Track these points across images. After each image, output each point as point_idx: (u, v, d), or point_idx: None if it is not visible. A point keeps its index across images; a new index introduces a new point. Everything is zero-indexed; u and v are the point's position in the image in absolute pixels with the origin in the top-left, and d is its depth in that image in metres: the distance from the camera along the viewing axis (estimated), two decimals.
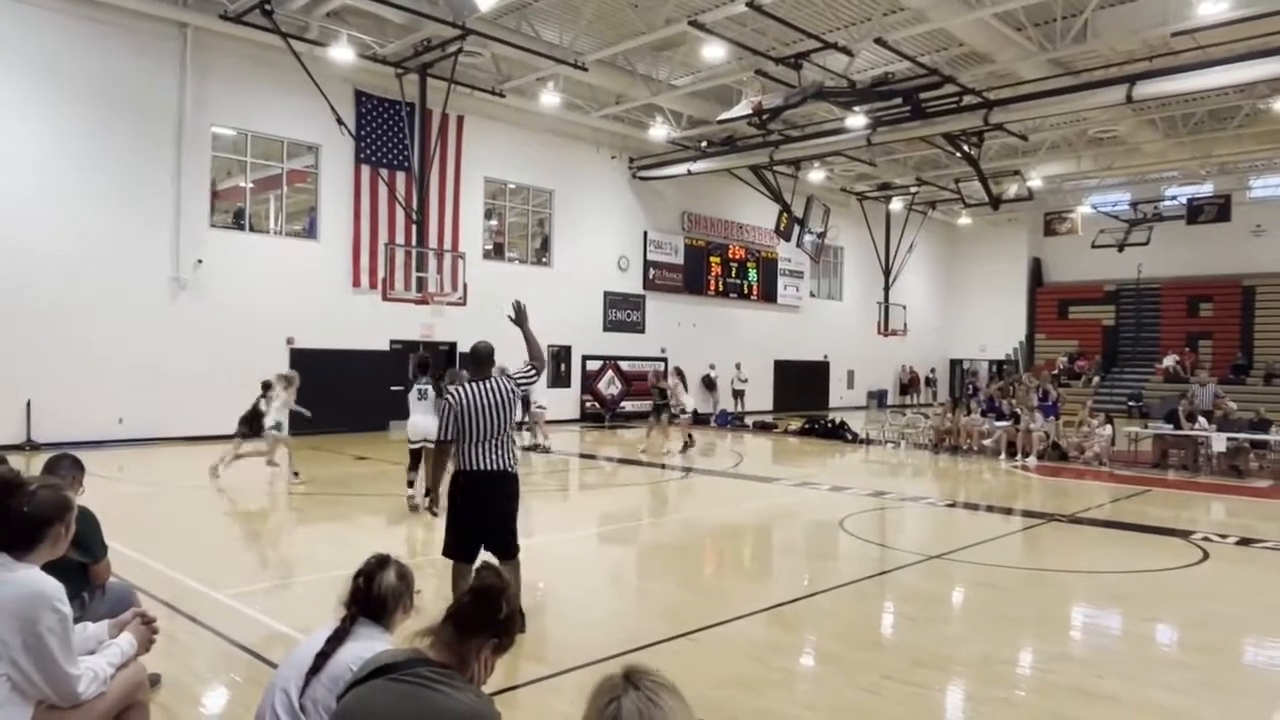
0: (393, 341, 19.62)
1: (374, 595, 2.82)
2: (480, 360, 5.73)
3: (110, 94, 15.81)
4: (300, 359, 18.16)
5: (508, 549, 5.49)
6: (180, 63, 16.54)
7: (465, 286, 19.56)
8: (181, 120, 16.63)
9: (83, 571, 4.05)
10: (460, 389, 5.54)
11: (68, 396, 15.09)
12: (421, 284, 18.90)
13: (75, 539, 3.24)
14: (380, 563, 2.89)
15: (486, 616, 2.41)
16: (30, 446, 14.56)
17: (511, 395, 5.53)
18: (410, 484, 9.97)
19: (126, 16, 15.76)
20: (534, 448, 16.35)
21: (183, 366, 16.48)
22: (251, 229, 18.42)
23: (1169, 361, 31.40)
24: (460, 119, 20.56)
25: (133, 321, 16.03)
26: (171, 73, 16.48)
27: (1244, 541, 9.25)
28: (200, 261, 16.88)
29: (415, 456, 9.93)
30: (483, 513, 5.46)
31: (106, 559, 4.23)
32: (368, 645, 2.66)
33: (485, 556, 5.29)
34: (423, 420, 9.56)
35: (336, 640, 2.72)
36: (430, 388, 9.90)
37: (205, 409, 16.68)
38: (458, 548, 5.46)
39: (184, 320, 16.67)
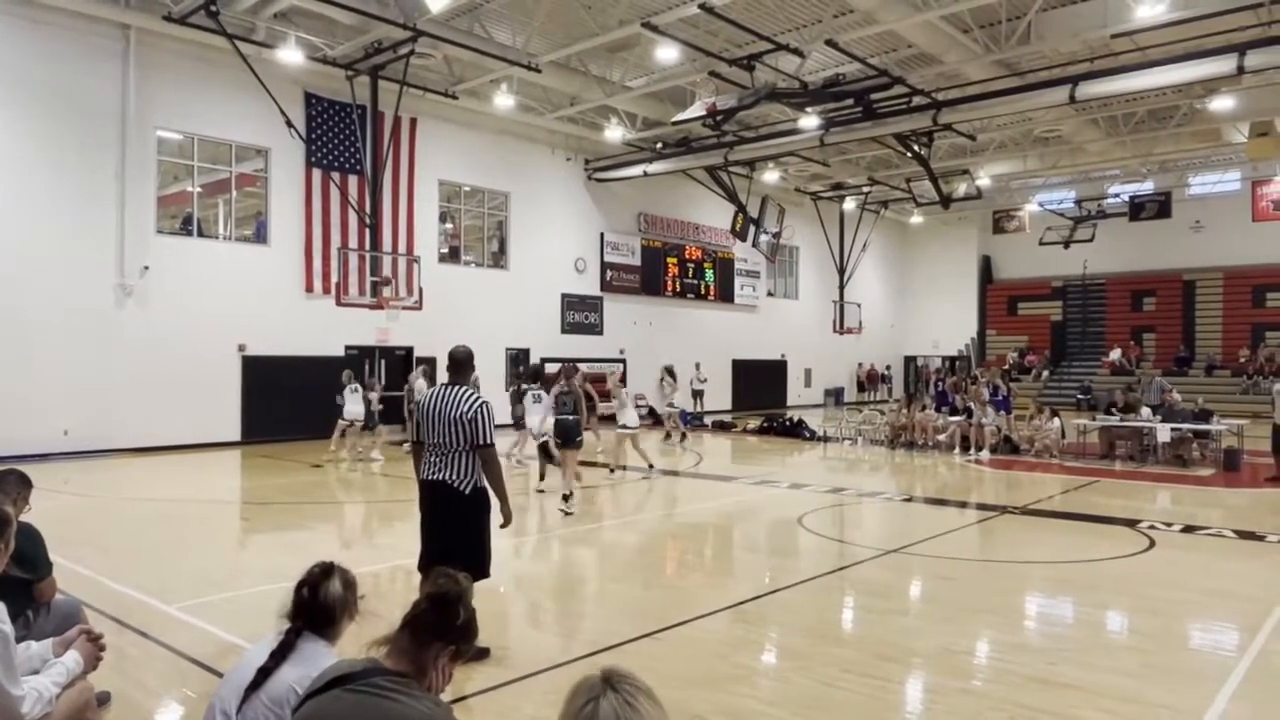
0: (348, 347, 19.34)
1: (320, 605, 2.66)
2: (456, 365, 5.48)
3: (50, 97, 15.36)
4: (252, 366, 17.92)
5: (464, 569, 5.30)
6: (123, 65, 16.13)
7: (421, 291, 19.35)
8: (125, 124, 16.21)
9: (26, 589, 3.93)
10: (428, 391, 5.45)
11: (10, 408, 14.60)
12: (376, 288, 18.65)
13: (18, 556, 3.16)
14: (325, 571, 2.74)
15: (443, 623, 2.38)
16: None
17: (467, 416, 5.16)
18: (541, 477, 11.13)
19: (65, 17, 15.33)
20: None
21: (130, 376, 16.07)
22: (200, 234, 18.04)
23: (1115, 355, 32.26)
24: (413, 121, 20.36)
25: (78, 330, 15.58)
26: (114, 75, 16.07)
27: (1188, 529, 9.54)
28: (147, 268, 16.48)
29: (543, 451, 10.72)
30: (436, 526, 5.31)
31: (51, 576, 4.11)
32: (314, 665, 2.55)
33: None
34: (536, 420, 10.70)
35: (281, 654, 2.59)
36: (542, 391, 10.95)
37: (153, 419, 16.37)
38: (423, 559, 5.32)
39: (131, 328, 16.25)
